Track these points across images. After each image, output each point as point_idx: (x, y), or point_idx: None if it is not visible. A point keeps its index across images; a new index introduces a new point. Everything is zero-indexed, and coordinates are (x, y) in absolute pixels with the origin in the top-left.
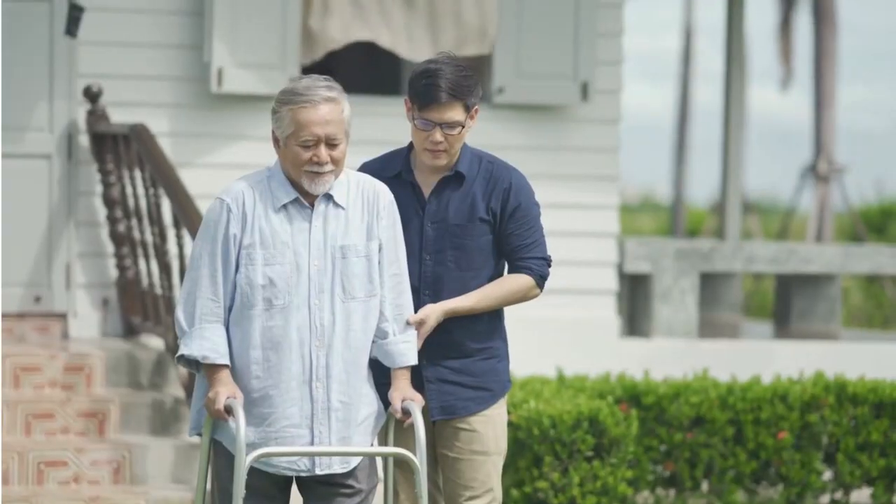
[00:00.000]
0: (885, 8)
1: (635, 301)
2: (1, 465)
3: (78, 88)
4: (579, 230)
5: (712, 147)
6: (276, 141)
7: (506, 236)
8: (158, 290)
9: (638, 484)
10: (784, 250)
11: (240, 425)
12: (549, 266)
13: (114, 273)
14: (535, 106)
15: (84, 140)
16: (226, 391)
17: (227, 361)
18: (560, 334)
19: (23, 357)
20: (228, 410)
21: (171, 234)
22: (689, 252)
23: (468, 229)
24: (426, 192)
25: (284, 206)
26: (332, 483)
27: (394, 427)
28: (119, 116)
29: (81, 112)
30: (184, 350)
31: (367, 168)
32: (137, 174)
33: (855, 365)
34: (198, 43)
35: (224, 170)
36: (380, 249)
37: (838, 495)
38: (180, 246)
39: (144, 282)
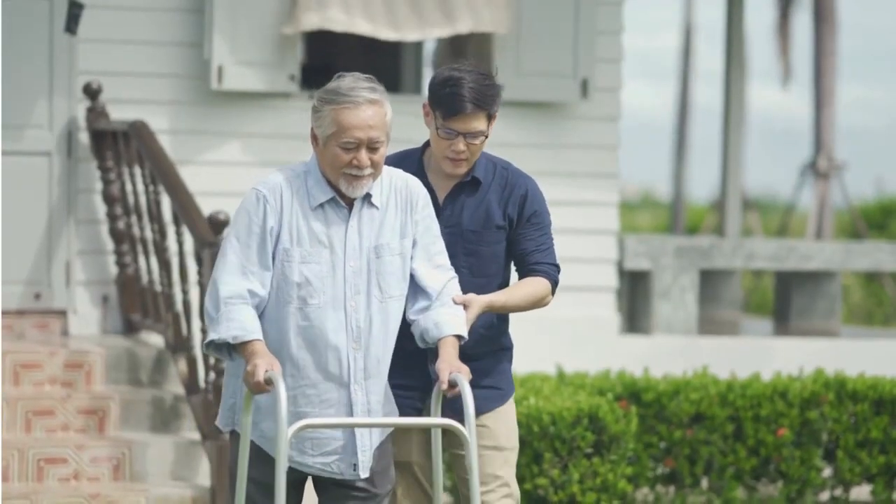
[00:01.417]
0: (885, 7)
1: (635, 298)
2: (1, 463)
3: (78, 86)
4: (579, 227)
5: (712, 145)
6: (314, 139)
7: (519, 240)
8: (158, 288)
9: (638, 481)
10: (784, 247)
11: (280, 396)
12: (559, 273)
13: (114, 270)
14: (535, 103)
15: (84, 137)
16: (264, 363)
17: (259, 337)
18: (560, 331)
19: (23, 354)
20: (268, 382)
21: (170, 231)
22: (689, 249)
23: (483, 236)
24: (441, 196)
25: (321, 204)
26: (347, 485)
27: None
28: (119, 113)
29: (81, 109)
30: (212, 335)
31: None
32: (137, 171)
33: (855, 362)
34: (197, 40)
35: (224, 167)
36: (418, 246)
37: (838, 492)
38: (180, 243)
39: (144, 279)
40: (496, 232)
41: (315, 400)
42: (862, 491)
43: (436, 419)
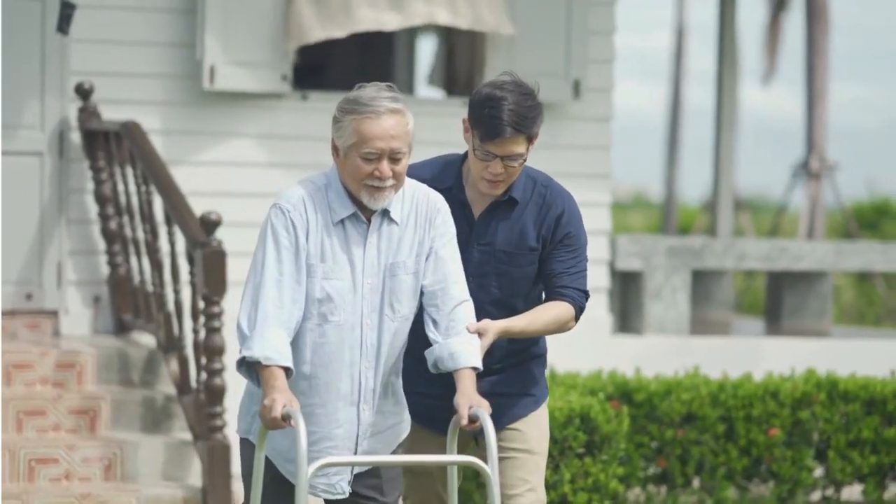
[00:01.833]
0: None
1: (627, 298)
2: None
3: (70, 86)
4: None
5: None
6: (335, 150)
7: (549, 260)
8: (150, 288)
9: (629, 481)
10: (776, 247)
11: (300, 434)
12: (587, 300)
13: (105, 270)
14: None
15: (76, 137)
16: (282, 398)
17: (290, 364)
18: None
19: (14, 354)
20: (286, 418)
21: (162, 231)
22: (681, 249)
23: (515, 257)
24: (476, 212)
25: (341, 220)
26: (356, 493)
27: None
28: (111, 114)
29: (73, 109)
30: (245, 352)
31: (417, 174)
32: (129, 171)
33: (846, 362)
34: (189, 41)
35: (216, 167)
36: (436, 260)
37: (829, 492)
38: (172, 243)
39: (136, 279)
40: (529, 254)
41: (323, 420)
42: (853, 491)
43: (457, 457)
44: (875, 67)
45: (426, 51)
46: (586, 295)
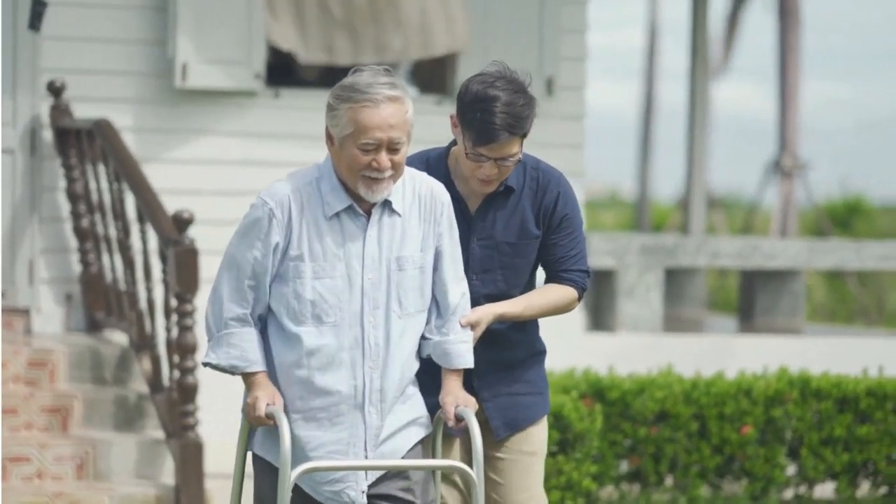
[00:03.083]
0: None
1: (600, 296)
2: None
3: (41, 83)
4: None
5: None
6: (329, 139)
7: (549, 246)
8: (122, 286)
9: (602, 479)
10: (748, 246)
11: (283, 433)
12: (590, 278)
13: (77, 268)
14: None
15: (47, 135)
16: (265, 395)
17: (258, 369)
18: None
19: None
20: (269, 417)
21: (134, 229)
22: (654, 247)
23: (519, 248)
24: (472, 206)
25: (336, 214)
26: (391, 497)
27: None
28: (83, 111)
29: (45, 107)
30: (210, 357)
31: None
32: (101, 169)
33: (818, 360)
34: (161, 38)
35: (188, 165)
36: (438, 256)
37: (802, 490)
38: (144, 241)
39: (108, 277)
40: (533, 241)
41: (326, 423)
42: (825, 489)
43: (442, 462)
44: (851, 67)
45: None
46: (588, 274)
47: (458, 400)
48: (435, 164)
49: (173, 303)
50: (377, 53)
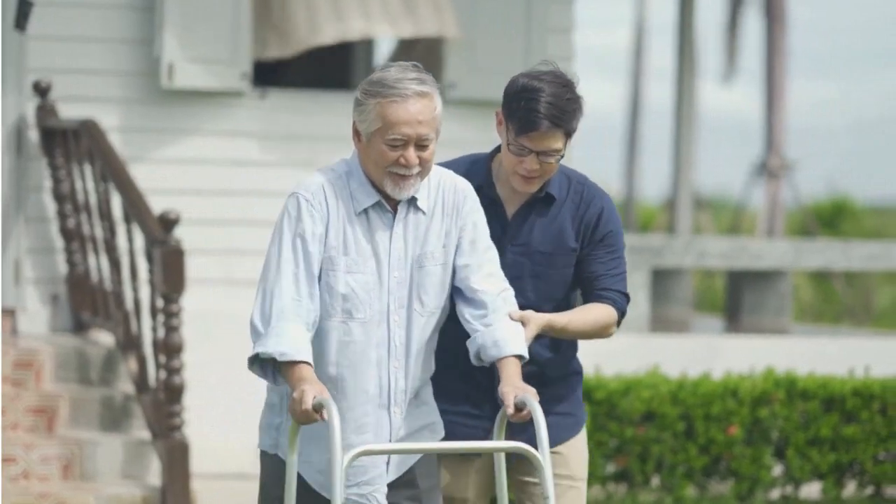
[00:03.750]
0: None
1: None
2: None
3: (27, 83)
4: None
5: (664, 143)
6: (356, 134)
7: (589, 261)
8: (108, 286)
9: (589, 479)
10: (735, 246)
11: (334, 424)
12: (628, 304)
13: (63, 268)
14: (487, 101)
15: (33, 135)
16: (312, 389)
17: (307, 358)
18: None
19: None
20: (317, 409)
21: (121, 229)
22: (641, 247)
23: (553, 258)
24: (510, 211)
25: (364, 210)
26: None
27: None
28: (69, 111)
29: (31, 107)
30: (258, 348)
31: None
32: (87, 169)
33: (805, 360)
34: (148, 38)
35: (175, 165)
36: (458, 246)
37: (788, 490)
38: (130, 241)
39: (94, 277)
40: (568, 255)
41: (352, 425)
42: (812, 489)
43: (505, 443)
44: (839, 68)
45: (385, 48)
46: (627, 298)
47: (517, 389)
48: (478, 163)
49: (159, 303)
50: (364, 27)
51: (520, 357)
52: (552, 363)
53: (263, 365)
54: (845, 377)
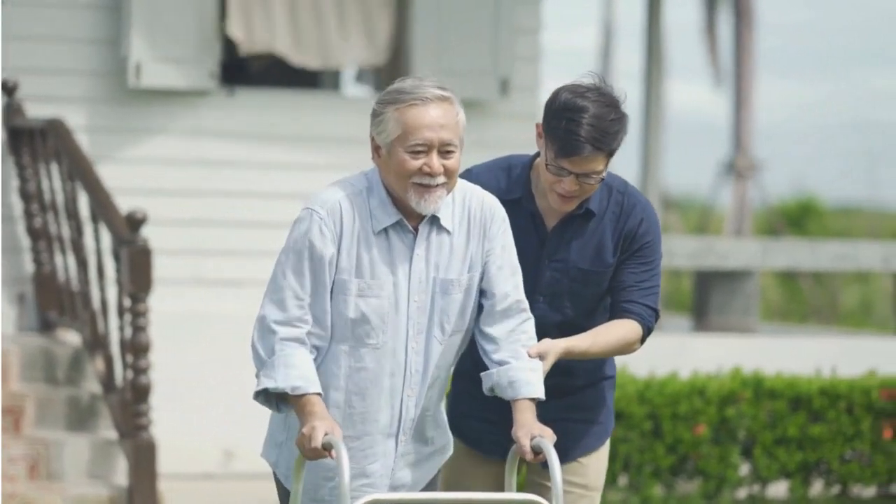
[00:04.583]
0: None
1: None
2: None
3: None
4: None
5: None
6: (376, 149)
7: (620, 270)
8: (75, 286)
9: None
10: (703, 245)
11: (343, 467)
12: (657, 320)
13: (30, 268)
14: None
15: (0, 134)
16: (323, 426)
17: (319, 389)
18: None
19: None
20: (327, 448)
21: (88, 229)
22: None
23: (591, 275)
24: (549, 223)
25: (384, 229)
26: None
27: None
28: (35, 110)
29: None
30: (267, 382)
31: (483, 184)
32: (54, 169)
33: (772, 359)
34: (115, 37)
35: (142, 165)
36: (485, 271)
37: (755, 489)
38: (97, 241)
39: (61, 277)
40: (606, 272)
41: (358, 455)
42: (779, 488)
43: (517, 495)
44: (805, 68)
45: None
46: (657, 314)
47: (532, 432)
48: (518, 172)
49: (126, 303)
50: (298, 58)
51: (535, 399)
52: (579, 372)
53: (268, 395)
54: (812, 377)
